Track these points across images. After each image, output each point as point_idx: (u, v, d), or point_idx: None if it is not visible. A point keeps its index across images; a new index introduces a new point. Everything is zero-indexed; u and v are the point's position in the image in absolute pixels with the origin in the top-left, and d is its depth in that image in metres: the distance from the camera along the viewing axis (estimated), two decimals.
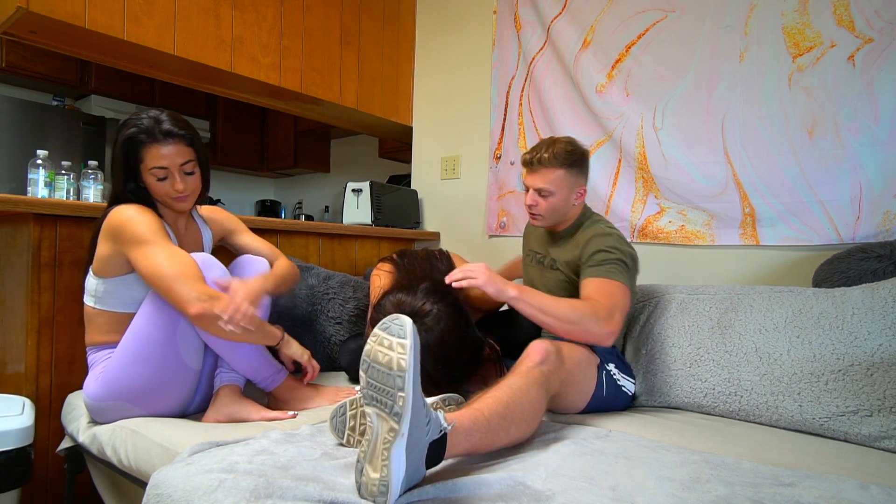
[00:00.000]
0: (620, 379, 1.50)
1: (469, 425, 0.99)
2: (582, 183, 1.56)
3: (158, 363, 1.24)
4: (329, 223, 2.52)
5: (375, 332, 0.89)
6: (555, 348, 1.24)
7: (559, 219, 1.58)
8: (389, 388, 0.84)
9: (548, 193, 1.52)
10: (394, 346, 0.86)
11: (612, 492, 0.90)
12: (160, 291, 1.21)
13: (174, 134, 1.28)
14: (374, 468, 0.85)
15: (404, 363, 0.84)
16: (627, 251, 1.48)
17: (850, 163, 1.65)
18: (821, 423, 1.30)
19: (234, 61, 2.17)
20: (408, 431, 0.84)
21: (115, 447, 1.21)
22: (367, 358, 0.89)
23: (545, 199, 1.53)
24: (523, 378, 1.14)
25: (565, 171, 1.51)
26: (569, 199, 1.54)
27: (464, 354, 1.41)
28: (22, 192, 2.74)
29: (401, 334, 0.87)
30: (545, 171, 1.51)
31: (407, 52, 2.86)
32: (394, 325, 0.88)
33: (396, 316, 0.90)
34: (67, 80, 3.35)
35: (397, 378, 0.84)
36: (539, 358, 1.19)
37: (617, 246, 1.47)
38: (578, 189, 1.55)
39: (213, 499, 0.85)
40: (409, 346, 0.85)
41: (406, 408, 0.83)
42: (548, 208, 1.54)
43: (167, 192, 1.30)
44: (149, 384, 1.25)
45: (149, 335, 1.24)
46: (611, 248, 1.46)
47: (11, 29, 1.79)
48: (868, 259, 1.47)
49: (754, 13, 1.82)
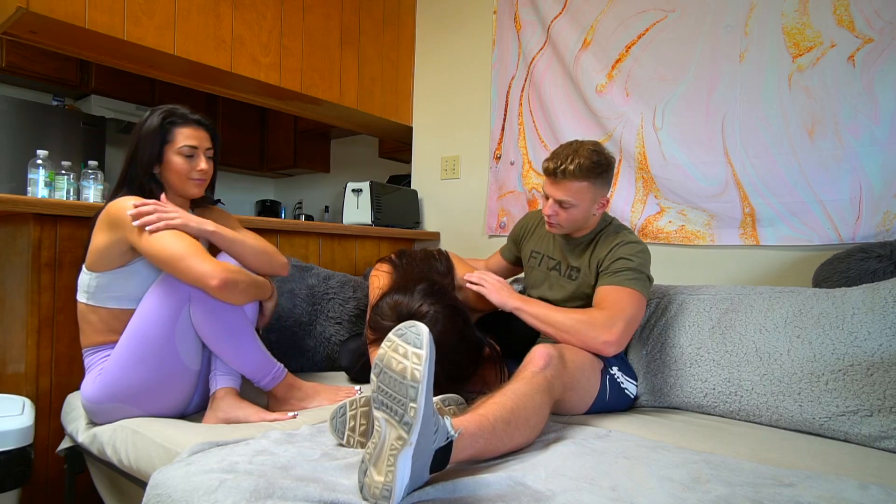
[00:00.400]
0: (623, 381, 1.49)
1: (475, 431, 0.99)
2: (605, 193, 1.50)
3: (157, 364, 1.24)
4: (329, 223, 2.52)
5: (390, 338, 0.89)
6: (557, 353, 1.24)
7: (578, 227, 1.54)
8: (401, 398, 0.84)
9: (569, 206, 1.45)
10: (409, 356, 0.85)
11: (612, 492, 0.90)
12: (173, 270, 1.22)
13: (203, 122, 1.43)
14: (378, 472, 0.84)
15: (419, 374, 0.83)
16: (648, 260, 1.48)
17: (850, 163, 1.65)
18: (821, 422, 1.30)
19: (234, 61, 2.17)
20: (416, 441, 0.84)
21: (115, 447, 1.21)
22: (380, 363, 0.88)
23: (566, 211, 1.47)
24: (527, 384, 1.14)
25: (590, 184, 1.43)
26: (590, 210, 1.49)
27: (463, 355, 1.41)
28: (22, 192, 2.74)
29: (417, 344, 0.86)
30: (569, 184, 1.43)
31: (407, 52, 2.86)
32: (410, 333, 0.87)
33: (413, 323, 0.89)
34: (67, 80, 3.35)
35: (410, 388, 0.83)
36: (542, 363, 1.19)
37: (639, 256, 1.46)
38: (601, 200, 1.50)
39: (213, 499, 0.85)
40: (424, 358, 0.84)
41: (417, 419, 0.83)
42: (568, 219, 1.49)
43: (189, 170, 1.38)
44: (147, 385, 1.25)
45: (146, 335, 1.24)
46: (631, 257, 1.44)
47: (11, 29, 1.79)
48: (868, 259, 1.47)
49: (754, 13, 1.82)
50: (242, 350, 1.31)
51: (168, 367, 1.25)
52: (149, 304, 1.25)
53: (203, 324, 1.27)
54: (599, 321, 1.34)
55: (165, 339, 1.24)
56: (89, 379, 1.29)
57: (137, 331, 1.25)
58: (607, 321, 1.34)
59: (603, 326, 1.33)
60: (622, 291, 1.39)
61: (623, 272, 1.42)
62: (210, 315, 1.27)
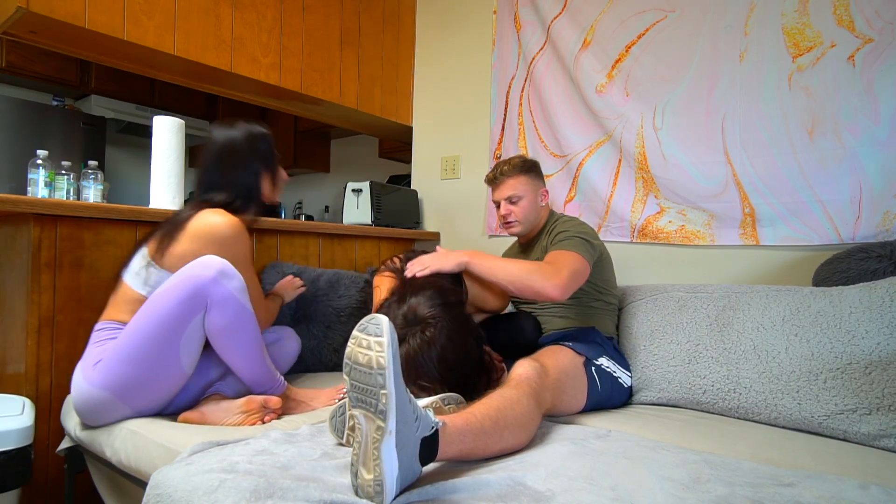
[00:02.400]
0: (616, 371, 1.53)
1: (462, 425, 0.99)
2: (542, 185, 1.75)
3: (156, 364, 1.24)
4: (329, 223, 2.52)
5: (354, 334, 0.90)
6: (538, 363, 1.27)
7: (533, 221, 1.74)
8: (372, 388, 0.85)
9: (517, 199, 1.70)
10: (372, 346, 0.86)
11: (611, 492, 0.90)
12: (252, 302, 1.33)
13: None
14: (367, 469, 0.85)
15: (383, 360, 0.84)
16: (588, 230, 1.64)
17: (850, 163, 1.65)
18: (819, 421, 1.30)
19: (234, 61, 2.17)
20: (395, 428, 0.84)
21: (115, 447, 1.21)
22: (348, 361, 0.89)
23: (516, 205, 1.71)
24: (513, 388, 1.15)
25: (526, 176, 1.71)
26: (536, 200, 1.73)
27: (470, 360, 1.40)
28: (22, 192, 2.74)
29: (377, 332, 0.87)
30: (509, 181, 1.71)
31: (407, 52, 2.86)
32: (370, 325, 0.88)
33: (373, 316, 0.90)
34: (67, 80, 3.35)
35: (378, 376, 0.84)
36: (525, 373, 1.22)
37: (576, 226, 1.63)
38: (541, 190, 1.74)
39: (213, 499, 0.85)
40: (386, 344, 0.85)
41: (390, 405, 0.84)
42: (521, 212, 1.71)
43: (283, 179, 1.59)
44: (141, 381, 1.24)
45: (152, 336, 1.23)
46: (567, 228, 1.62)
47: (11, 29, 1.79)
48: (868, 259, 1.47)
49: (754, 13, 1.82)
50: (252, 362, 1.32)
51: (165, 368, 1.25)
52: (160, 305, 1.24)
53: (221, 334, 1.27)
54: (547, 269, 1.45)
55: (171, 342, 1.24)
56: (90, 359, 1.27)
57: (143, 329, 1.24)
58: (554, 269, 1.45)
59: (551, 273, 1.44)
60: (564, 253, 1.53)
61: (564, 241, 1.58)
62: (228, 326, 1.27)
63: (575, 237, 1.58)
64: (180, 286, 1.24)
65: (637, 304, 1.76)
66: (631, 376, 1.60)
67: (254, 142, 1.48)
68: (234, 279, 1.26)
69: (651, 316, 1.68)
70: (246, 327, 1.29)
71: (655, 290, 1.76)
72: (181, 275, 1.25)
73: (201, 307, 1.24)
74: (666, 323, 1.63)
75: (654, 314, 1.68)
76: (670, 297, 1.69)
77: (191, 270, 1.24)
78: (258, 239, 2.03)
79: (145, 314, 1.24)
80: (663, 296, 1.71)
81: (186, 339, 1.25)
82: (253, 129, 1.49)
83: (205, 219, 1.34)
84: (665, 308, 1.66)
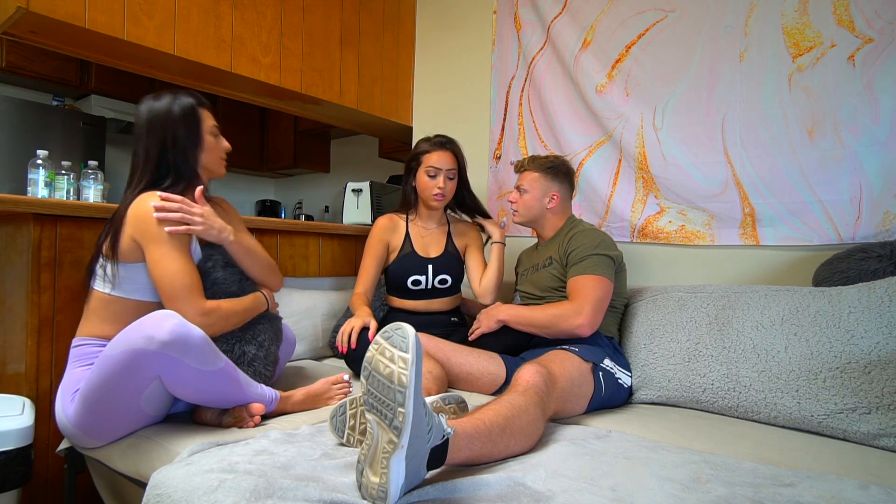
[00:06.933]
0: (617, 373, 1.55)
1: (471, 432, 0.99)
2: (555, 189, 1.81)
3: (120, 414, 1.20)
4: (329, 223, 2.52)
5: (377, 340, 0.88)
6: (546, 369, 1.27)
7: (533, 216, 1.83)
8: (390, 402, 0.83)
9: (524, 191, 1.83)
10: (395, 360, 0.84)
11: (612, 492, 0.90)
12: (162, 297, 1.27)
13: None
14: (374, 473, 0.85)
15: (405, 379, 0.83)
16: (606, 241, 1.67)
17: (850, 163, 1.65)
18: (819, 420, 1.30)
19: (234, 61, 2.17)
20: (407, 444, 0.84)
21: (114, 447, 1.21)
22: (367, 365, 0.88)
23: (521, 196, 1.83)
24: (521, 396, 1.15)
25: (540, 175, 1.81)
26: (541, 199, 1.81)
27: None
28: (22, 192, 2.74)
29: (402, 347, 0.85)
30: (526, 173, 1.85)
31: (407, 52, 2.86)
32: (396, 336, 0.87)
33: (399, 326, 0.88)
34: (67, 80, 3.35)
35: (398, 393, 0.83)
36: (533, 379, 1.22)
37: (594, 239, 1.66)
38: (551, 193, 1.81)
39: (213, 499, 0.85)
40: (410, 361, 0.84)
41: (406, 424, 0.83)
42: (522, 203, 1.83)
43: (223, 148, 1.51)
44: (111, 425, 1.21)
45: (111, 391, 1.15)
46: (586, 243, 1.66)
47: (11, 29, 1.79)
48: (868, 259, 1.47)
49: (754, 13, 1.82)
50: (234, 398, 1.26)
51: (132, 417, 1.21)
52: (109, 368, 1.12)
53: (186, 394, 1.20)
54: (570, 311, 1.56)
55: (131, 401, 1.17)
56: (69, 386, 1.24)
57: (102, 380, 1.14)
58: (577, 309, 1.55)
59: (574, 314, 1.54)
60: (586, 279, 1.60)
61: (583, 261, 1.63)
62: (190, 385, 1.17)
63: (593, 255, 1.63)
64: (118, 359, 1.11)
65: (637, 304, 1.77)
66: (630, 376, 1.61)
67: (168, 114, 1.35)
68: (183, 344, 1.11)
69: (651, 315, 1.68)
70: (213, 387, 1.19)
71: (655, 290, 1.76)
72: (121, 343, 1.11)
73: (152, 377, 1.14)
74: (666, 322, 1.63)
75: (655, 313, 1.68)
76: (670, 296, 1.69)
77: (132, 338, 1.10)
78: (258, 239, 2.02)
79: (101, 367, 1.14)
80: (663, 295, 1.71)
81: (147, 399, 1.19)
82: (172, 102, 1.37)
83: (135, 207, 1.27)
84: (665, 307, 1.67)
